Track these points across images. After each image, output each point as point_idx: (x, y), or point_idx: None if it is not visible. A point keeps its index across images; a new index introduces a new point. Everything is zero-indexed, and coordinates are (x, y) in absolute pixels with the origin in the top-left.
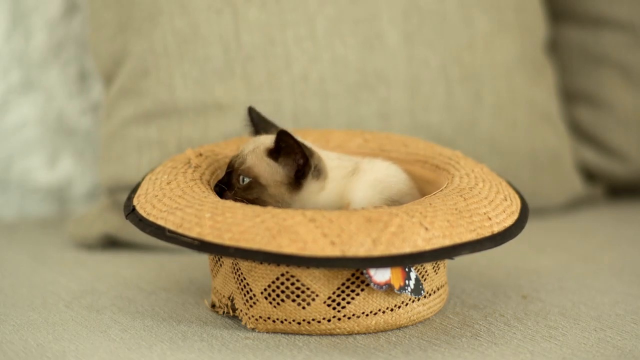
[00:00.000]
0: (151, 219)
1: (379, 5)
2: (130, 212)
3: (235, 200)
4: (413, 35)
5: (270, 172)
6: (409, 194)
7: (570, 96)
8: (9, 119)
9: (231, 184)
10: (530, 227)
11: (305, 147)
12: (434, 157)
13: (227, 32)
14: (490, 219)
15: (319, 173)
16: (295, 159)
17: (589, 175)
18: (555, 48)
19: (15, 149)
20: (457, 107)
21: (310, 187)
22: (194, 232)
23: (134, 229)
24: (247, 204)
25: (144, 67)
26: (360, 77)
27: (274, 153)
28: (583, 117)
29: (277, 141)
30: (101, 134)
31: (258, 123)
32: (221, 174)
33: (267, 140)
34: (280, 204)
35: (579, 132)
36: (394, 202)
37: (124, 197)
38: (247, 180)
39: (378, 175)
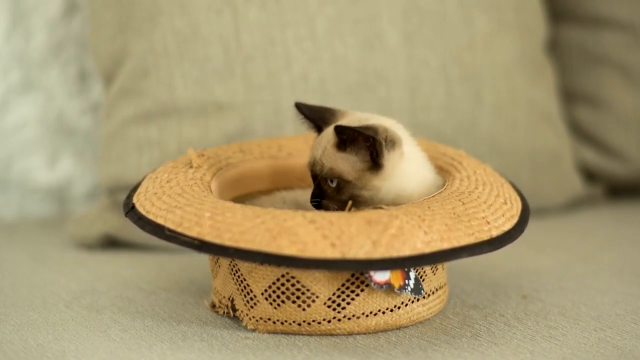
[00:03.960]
0: (150, 217)
1: (379, 5)
2: (130, 210)
3: (334, 207)
4: (413, 35)
5: (349, 164)
6: None
7: (570, 96)
8: (9, 119)
9: (324, 192)
10: (530, 227)
11: (367, 127)
12: (437, 158)
13: (227, 32)
14: (488, 223)
15: (394, 142)
16: (363, 143)
17: (589, 175)
18: (555, 48)
19: (15, 149)
20: (457, 107)
21: (392, 160)
22: (193, 232)
23: (134, 228)
24: (344, 209)
25: (144, 67)
26: (360, 77)
27: (342, 146)
28: (583, 117)
29: (338, 136)
30: (101, 134)
31: (311, 115)
32: (223, 174)
33: (331, 136)
34: (373, 192)
35: (579, 132)
36: None
37: (124, 197)
38: (334, 181)
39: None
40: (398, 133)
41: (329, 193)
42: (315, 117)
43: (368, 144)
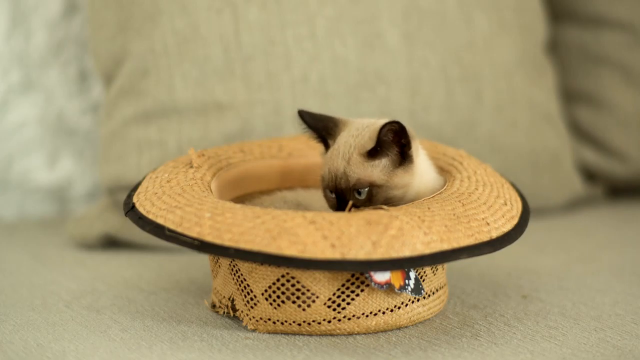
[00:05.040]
0: (150, 216)
1: (379, 5)
2: (130, 210)
3: None
4: (413, 35)
5: (379, 169)
6: None
7: (570, 96)
8: (9, 119)
9: (352, 206)
10: (530, 227)
11: (394, 121)
12: (437, 158)
13: (227, 32)
14: (488, 224)
15: (412, 136)
16: (399, 143)
17: (589, 175)
18: (555, 48)
19: (15, 149)
20: (457, 107)
21: (415, 153)
22: (193, 232)
23: (134, 228)
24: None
25: (144, 67)
26: (360, 77)
27: (374, 151)
28: (583, 117)
29: (379, 143)
30: (101, 134)
31: (314, 124)
32: (223, 174)
33: (352, 147)
34: (404, 190)
35: (579, 132)
36: None
37: (124, 197)
38: (364, 191)
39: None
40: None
41: (359, 205)
42: (318, 126)
43: (398, 141)
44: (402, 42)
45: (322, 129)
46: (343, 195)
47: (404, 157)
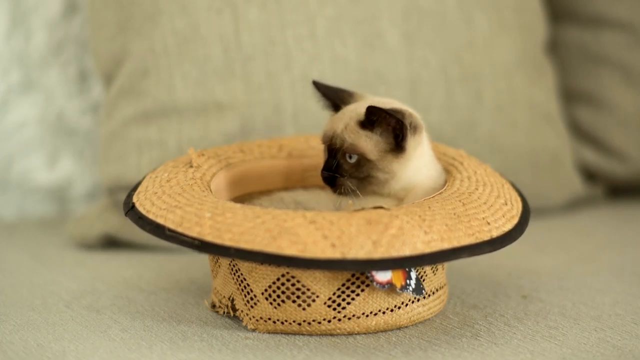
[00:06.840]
0: (150, 216)
1: (379, 5)
2: (130, 210)
3: (348, 185)
4: (413, 35)
5: (373, 144)
6: None
7: (570, 96)
8: (9, 119)
9: (339, 167)
10: (530, 227)
11: (397, 110)
12: (437, 158)
13: (227, 32)
14: (489, 223)
15: (416, 128)
16: (390, 124)
17: (589, 175)
18: (555, 48)
19: (15, 149)
20: (457, 107)
21: (411, 145)
22: (194, 232)
23: (134, 228)
24: (357, 188)
25: (144, 67)
26: (360, 77)
27: (368, 125)
28: (583, 117)
29: (368, 116)
30: (101, 134)
31: (328, 94)
32: (223, 174)
33: (354, 113)
34: (389, 176)
35: (579, 132)
36: None
37: (124, 197)
38: (354, 157)
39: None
40: (420, 120)
41: (345, 168)
42: (333, 96)
43: (395, 127)
44: (402, 42)
45: (337, 98)
46: (334, 154)
47: (397, 145)
